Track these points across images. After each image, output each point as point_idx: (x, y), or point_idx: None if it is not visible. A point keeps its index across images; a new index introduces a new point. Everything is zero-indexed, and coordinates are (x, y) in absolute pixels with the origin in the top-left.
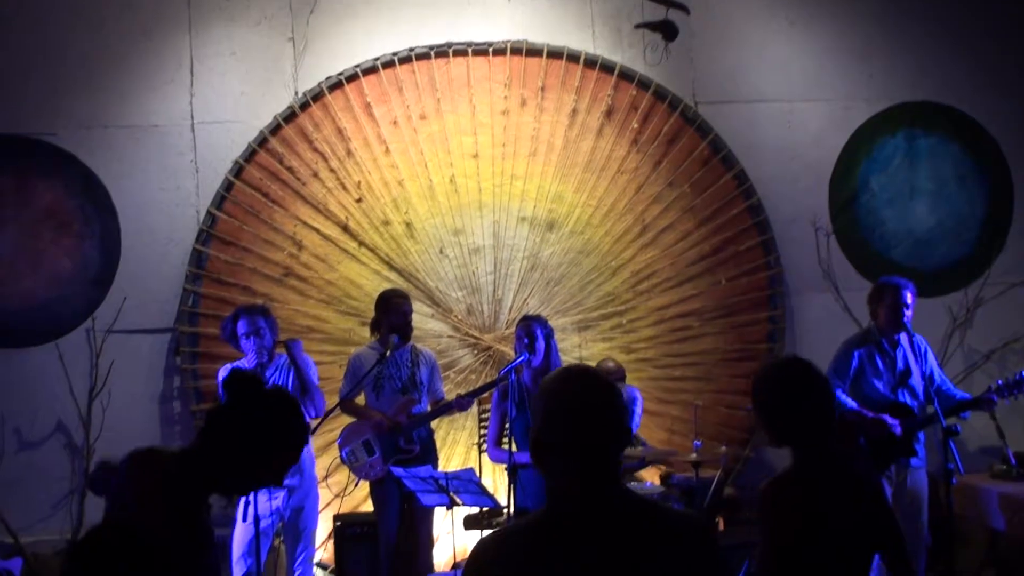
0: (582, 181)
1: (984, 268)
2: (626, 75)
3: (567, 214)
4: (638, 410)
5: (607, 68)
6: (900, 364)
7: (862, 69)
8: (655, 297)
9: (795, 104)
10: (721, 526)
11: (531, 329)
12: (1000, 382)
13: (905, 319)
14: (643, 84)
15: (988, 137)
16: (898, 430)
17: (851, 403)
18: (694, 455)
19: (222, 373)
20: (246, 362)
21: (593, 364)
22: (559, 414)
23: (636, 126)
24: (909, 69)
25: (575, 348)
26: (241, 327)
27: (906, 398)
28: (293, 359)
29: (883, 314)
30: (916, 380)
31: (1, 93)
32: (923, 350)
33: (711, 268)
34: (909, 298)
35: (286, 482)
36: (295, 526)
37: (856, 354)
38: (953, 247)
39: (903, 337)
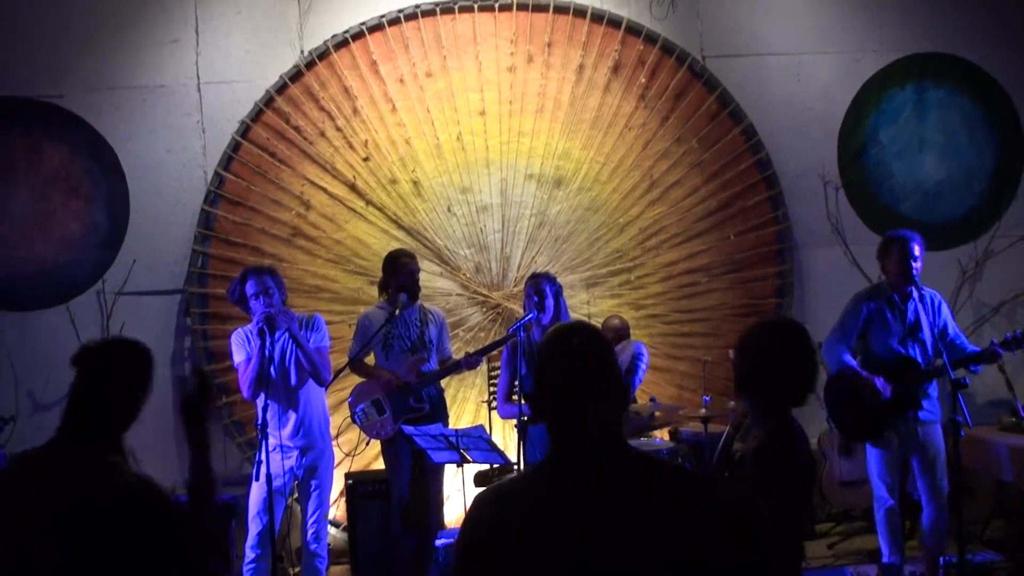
0: (589, 137)
1: (993, 220)
2: (633, 30)
3: (575, 171)
4: (643, 365)
5: (614, 23)
6: (910, 318)
7: (872, 20)
8: (663, 253)
9: (804, 57)
10: None
11: (540, 286)
12: (1008, 336)
13: (913, 272)
14: (650, 39)
15: (998, 88)
16: (887, 394)
17: (851, 362)
18: (703, 410)
19: (234, 337)
20: (253, 324)
21: (601, 320)
22: (556, 367)
23: (643, 81)
24: (919, 20)
25: (583, 305)
26: (250, 288)
27: (916, 353)
28: (290, 333)
29: (892, 268)
30: (926, 335)
31: (7, 55)
32: (937, 304)
33: (719, 224)
34: (917, 250)
35: (297, 443)
36: (309, 485)
37: (865, 308)
38: (962, 199)
39: (914, 291)
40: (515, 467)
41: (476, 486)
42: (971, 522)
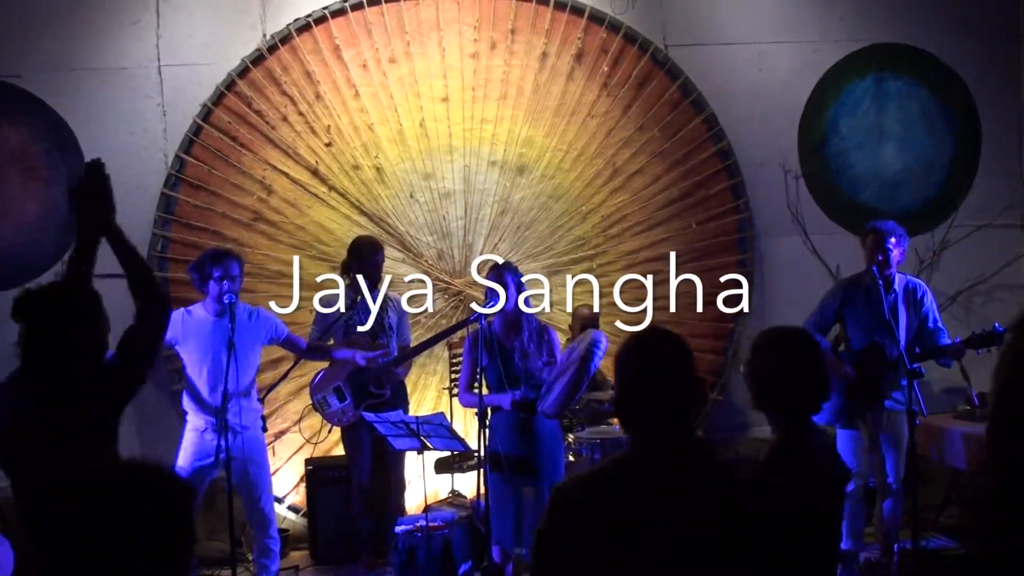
0: (552, 125)
1: (951, 211)
2: (596, 18)
3: (537, 158)
4: (599, 352)
5: (577, 11)
6: (885, 307)
7: (832, 10)
8: (625, 241)
9: (765, 46)
10: None
11: (502, 276)
12: (975, 333)
13: (878, 262)
14: (613, 27)
15: (956, 79)
16: (852, 376)
17: (824, 343)
18: None
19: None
20: (210, 303)
21: (564, 308)
22: (645, 373)
23: (606, 69)
24: (879, 10)
25: (545, 293)
26: (218, 270)
27: (886, 342)
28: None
29: (866, 257)
30: (900, 325)
31: None
32: (920, 295)
33: (681, 212)
34: (892, 242)
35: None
36: (248, 472)
37: (841, 293)
38: (920, 190)
39: (897, 281)
40: (475, 454)
41: (437, 473)
42: (926, 509)
